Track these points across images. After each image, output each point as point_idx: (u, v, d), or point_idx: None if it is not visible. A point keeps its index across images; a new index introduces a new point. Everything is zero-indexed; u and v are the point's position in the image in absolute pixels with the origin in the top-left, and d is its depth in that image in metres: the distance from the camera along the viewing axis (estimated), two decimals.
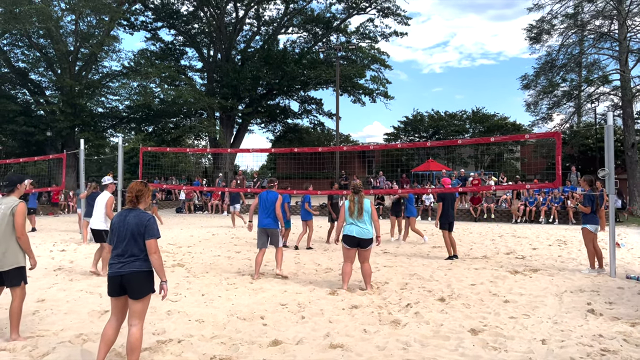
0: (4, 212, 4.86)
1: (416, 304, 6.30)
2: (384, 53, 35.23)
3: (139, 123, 32.35)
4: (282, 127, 40.15)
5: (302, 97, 37.80)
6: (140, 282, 4.04)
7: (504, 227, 17.16)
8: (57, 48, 25.70)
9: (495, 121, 37.61)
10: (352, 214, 7.12)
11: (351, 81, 34.24)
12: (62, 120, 25.01)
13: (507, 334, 5.08)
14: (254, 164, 63.79)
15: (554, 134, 10.79)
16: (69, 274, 8.30)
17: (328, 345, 4.76)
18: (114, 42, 28.21)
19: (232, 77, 31.39)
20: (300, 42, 36.67)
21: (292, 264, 9.48)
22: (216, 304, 6.33)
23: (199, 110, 32.17)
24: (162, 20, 33.76)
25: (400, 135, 41.02)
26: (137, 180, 4.41)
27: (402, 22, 33.78)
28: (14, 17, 22.79)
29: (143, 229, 4.06)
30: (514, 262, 9.62)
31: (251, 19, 35.57)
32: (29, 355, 4.51)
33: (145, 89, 28.71)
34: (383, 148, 28.80)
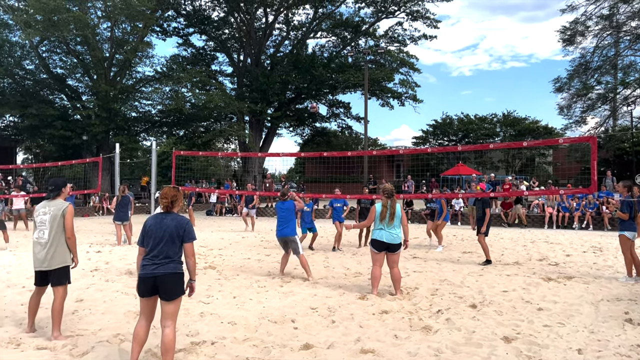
0: (54, 213, 5.11)
1: (447, 310, 6.26)
2: (412, 56, 35.03)
3: (171, 127, 32.94)
4: (310, 131, 40.28)
5: (331, 101, 37.85)
6: (173, 283, 4.14)
7: (536, 232, 16.85)
8: (93, 54, 26.41)
9: (526, 125, 36.99)
10: (384, 219, 7.05)
11: (379, 85, 34.14)
12: (97, 124, 25.66)
13: (541, 342, 5.01)
14: (282, 167, 64.15)
15: (589, 138, 10.58)
16: (105, 275, 8.52)
17: (359, 350, 4.78)
18: (147, 48, 28.81)
19: (262, 81, 31.69)
20: (329, 46, 36.79)
21: (322, 267, 9.51)
22: (247, 307, 6.42)
23: (229, 115, 32.55)
24: (194, 26, 34.31)
25: (429, 139, 40.72)
26: (170, 185, 4.52)
27: (431, 26, 33.55)
28: (52, 24, 23.52)
29: (182, 231, 4.18)
30: (547, 269, 9.45)
31: (280, 24, 35.86)
32: (70, 354, 4.66)
33: (177, 94, 29.23)
34: (413, 152, 28.53)
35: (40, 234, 5.11)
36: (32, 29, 23.51)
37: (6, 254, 10.92)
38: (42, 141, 32.33)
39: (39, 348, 4.80)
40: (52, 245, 5.06)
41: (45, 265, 5.06)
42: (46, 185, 6.27)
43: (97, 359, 4.53)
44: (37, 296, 5.30)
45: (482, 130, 37.70)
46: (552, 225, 18.47)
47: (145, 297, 4.20)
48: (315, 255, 11.18)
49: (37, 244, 5.12)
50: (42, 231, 5.11)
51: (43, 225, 5.11)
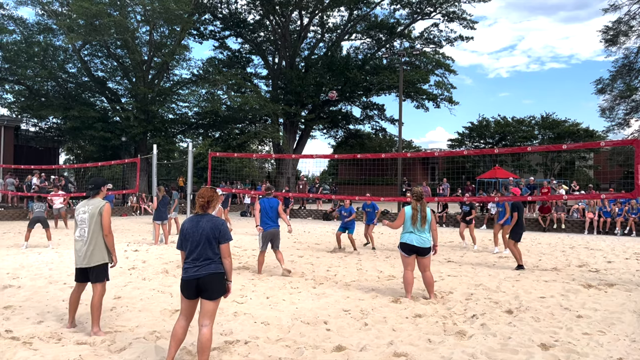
0: (92, 212, 5.27)
1: (482, 315, 6.15)
2: (448, 58, 34.57)
3: (207, 129, 33.46)
4: (344, 133, 40.24)
5: (364, 103, 37.72)
6: (216, 283, 4.23)
7: (576, 238, 16.38)
8: (132, 58, 27.10)
9: (566, 127, 36.02)
10: (415, 223, 6.99)
11: (414, 86, 33.82)
12: (135, 126, 26.30)
13: (580, 350, 4.87)
14: (315, 169, 64.28)
15: (632, 141, 10.23)
16: (142, 273, 8.71)
17: (392, 354, 4.75)
18: (184, 51, 29.38)
19: (296, 83, 31.86)
20: (364, 48, 36.67)
21: (354, 270, 9.49)
22: (280, 307, 6.46)
23: (264, 117, 32.85)
24: (230, 29, 34.79)
25: (464, 141, 40.13)
26: (207, 186, 4.60)
27: (468, 27, 33.05)
28: (94, 29, 24.26)
29: (218, 233, 4.25)
30: (587, 276, 9.17)
31: (315, 26, 35.97)
32: (108, 350, 4.78)
33: (213, 96, 29.70)
34: (448, 155, 28.20)
35: (81, 232, 5.29)
36: (75, 33, 24.30)
37: (49, 252, 11.30)
38: (83, 142, 33.35)
39: (78, 343, 4.95)
40: (91, 243, 5.23)
41: (85, 263, 5.23)
42: (86, 184, 6.50)
43: (134, 355, 4.64)
44: (77, 292, 5.48)
45: (520, 133, 36.92)
46: (592, 230, 17.93)
47: (190, 299, 4.28)
48: (348, 257, 11.17)
49: (77, 241, 5.31)
50: (83, 229, 5.28)
51: (83, 223, 5.29)
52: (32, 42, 26.03)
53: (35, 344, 4.90)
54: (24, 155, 27.98)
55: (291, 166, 33.55)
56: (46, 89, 28.92)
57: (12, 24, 26.88)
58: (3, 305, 6.34)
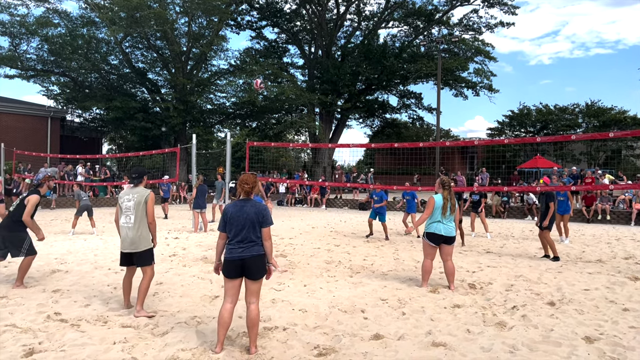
0: (138, 200, 5.52)
1: (523, 307, 6.03)
2: (488, 45, 33.79)
3: (244, 119, 33.82)
4: (380, 122, 39.96)
5: (401, 92, 37.31)
6: (259, 264, 4.45)
7: (622, 229, 15.83)
8: (171, 49, 27.59)
9: (612, 115, 34.73)
10: (445, 213, 6.96)
11: (453, 74, 33.26)
12: (175, 116, 26.81)
13: (627, 344, 4.72)
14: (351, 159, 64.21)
15: None
16: (183, 260, 8.91)
17: (430, 343, 4.72)
18: (222, 41, 29.70)
19: (332, 73, 31.76)
20: (401, 36, 36.21)
21: (392, 259, 9.45)
22: (318, 295, 6.50)
23: (300, 106, 32.96)
24: (266, 19, 34.94)
25: (504, 130, 39.23)
26: (249, 172, 4.74)
27: (509, 12, 32.23)
28: (135, 21, 24.78)
29: (261, 217, 4.46)
30: (633, 268, 8.86)
31: (352, 15, 35.72)
32: (151, 333, 4.93)
33: (250, 86, 29.94)
34: (488, 143, 27.45)
35: (127, 219, 5.52)
36: (117, 26, 24.88)
37: (94, 238, 11.68)
38: (125, 132, 34.23)
39: (123, 326, 5.11)
40: (138, 229, 5.47)
41: (133, 248, 5.49)
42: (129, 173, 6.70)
43: (176, 339, 4.76)
44: (129, 276, 5.78)
45: (563, 122, 35.85)
46: (639, 222, 17.29)
47: (233, 278, 4.45)
48: (385, 247, 11.13)
49: (124, 228, 5.52)
50: (129, 216, 5.51)
51: (129, 211, 5.51)
52: (76, 35, 26.80)
53: (83, 326, 5.09)
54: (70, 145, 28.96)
55: (327, 156, 33.58)
56: (90, 81, 29.79)
57: (57, 17, 27.74)
58: (52, 289, 6.61)
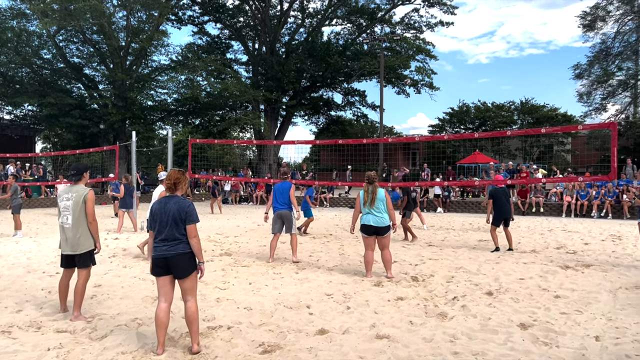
0: (75, 199, 5.27)
1: (463, 297, 6.24)
2: (429, 43, 34.63)
3: (187, 116, 33.09)
4: (325, 119, 40.16)
5: (346, 89, 37.65)
6: (184, 262, 4.33)
7: (554, 221, 16.66)
8: (109, 43, 26.57)
9: (545, 112, 36.43)
10: (366, 203, 7.33)
11: (395, 72, 33.86)
12: (114, 113, 25.87)
13: (558, 329, 4.97)
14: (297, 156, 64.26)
15: (609, 124, 10.40)
16: (123, 261, 8.64)
17: (374, 336, 4.79)
18: (162, 36, 28.87)
19: (277, 69, 31.61)
20: (344, 33, 36.49)
21: (337, 255, 9.53)
22: (263, 293, 6.46)
23: (244, 103, 32.61)
24: (209, 14, 34.30)
25: (445, 127, 40.36)
26: (176, 168, 4.65)
27: (448, 12, 33.12)
28: (69, 13, 23.68)
29: (184, 214, 4.33)
30: (564, 257, 9.35)
31: (295, 12, 35.66)
32: (89, 337, 4.74)
33: (193, 82, 29.32)
34: (429, 139, 28.37)
35: (64, 219, 5.30)
36: (49, 18, 23.68)
37: (27, 241, 11.11)
38: (60, 130, 32.74)
39: (59, 331, 4.89)
40: (76, 229, 5.23)
41: (73, 249, 5.26)
42: (66, 171, 6.44)
43: (115, 342, 4.60)
44: (66, 279, 5.51)
45: (500, 118, 37.25)
46: (570, 213, 18.25)
47: (159, 276, 4.37)
48: (330, 243, 11.21)
49: (62, 228, 5.29)
50: (66, 216, 5.28)
51: (67, 210, 5.28)
52: (5, 28, 25.28)
53: (15, 333, 4.83)
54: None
55: (273, 153, 33.42)
56: (20, 76, 28.21)
57: None
58: None
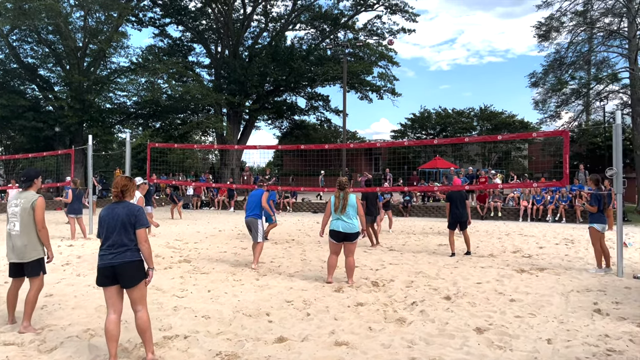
0: (24, 206, 5.07)
1: (422, 302, 6.31)
2: (391, 50, 35.10)
3: (147, 119, 32.46)
4: (289, 124, 40.12)
5: (309, 94, 37.73)
6: (132, 270, 4.17)
7: (511, 225, 17.10)
8: (65, 44, 25.82)
9: (502, 119, 37.46)
10: (337, 209, 7.29)
11: (358, 78, 34.15)
12: (70, 115, 25.13)
13: (512, 333, 5.08)
14: (260, 160, 63.91)
15: (561, 132, 10.75)
16: (77, 269, 8.36)
17: (333, 343, 4.78)
18: (122, 38, 28.29)
19: (240, 73, 31.40)
20: (308, 38, 36.60)
21: (299, 260, 9.50)
22: (222, 300, 6.37)
23: (206, 107, 32.22)
24: (170, 17, 33.80)
25: (407, 133, 40.95)
26: (122, 175, 4.52)
27: (410, 19, 33.64)
28: (23, 12, 22.90)
29: (133, 219, 4.20)
30: (520, 261, 9.59)
31: (259, 16, 35.56)
32: (37, 350, 4.55)
33: (153, 85, 28.79)
34: (390, 145, 28.82)
35: (11, 226, 5.10)
36: (2, 17, 22.87)
37: None
38: (13, 133, 31.56)
39: (5, 344, 4.68)
40: (24, 237, 5.03)
41: (20, 257, 5.05)
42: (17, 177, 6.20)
43: (65, 354, 4.43)
44: (14, 289, 5.27)
45: (460, 124, 38.06)
46: (526, 218, 18.76)
47: (105, 286, 4.20)
48: (292, 248, 11.17)
49: (9, 236, 5.09)
50: (14, 223, 5.09)
51: (14, 217, 5.09)
52: None
53: None
54: None
55: (235, 157, 33.14)
56: None
57: None
58: None
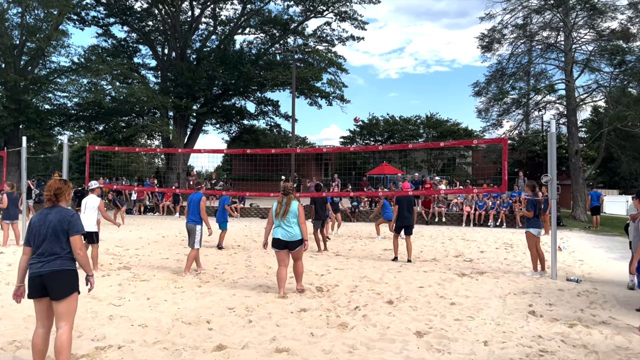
0: None
1: (365, 307, 6.33)
2: (340, 57, 35.46)
3: (89, 121, 31.35)
4: (238, 128, 39.72)
5: (259, 99, 37.54)
6: (61, 281, 3.87)
7: (454, 230, 17.54)
8: (1, 41, 24.57)
9: (448, 127, 38.49)
10: (278, 216, 7.02)
11: (308, 84, 34.26)
12: (5, 116, 23.93)
13: (451, 336, 5.17)
14: (208, 165, 62.82)
15: (500, 139, 11.13)
16: (6, 277, 7.91)
17: (274, 350, 4.71)
18: (62, 36, 27.20)
19: (187, 76, 30.84)
20: (257, 43, 36.43)
21: (243, 267, 9.36)
22: (161, 308, 6.17)
23: (152, 110, 31.43)
24: (115, 16, 32.83)
25: (356, 139, 41.37)
26: (57, 177, 4.27)
27: (359, 27, 34.08)
28: None
29: (67, 225, 3.92)
30: (461, 265, 9.83)
31: (207, 18, 35.10)
32: None
33: (96, 86, 27.85)
34: (337, 151, 29.11)
35: None
36: None
37: None
38: None
39: None
40: None
41: None
42: None
43: None
44: None
45: (407, 132, 38.80)
46: (469, 223, 19.31)
47: (35, 298, 3.91)
48: (238, 255, 11.01)
49: None
50: None
51: None
52: None
53: None
54: None
55: (182, 161, 32.44)
56: None
57: None
58: None
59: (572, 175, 23.60)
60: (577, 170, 23.05)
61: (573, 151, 23.10)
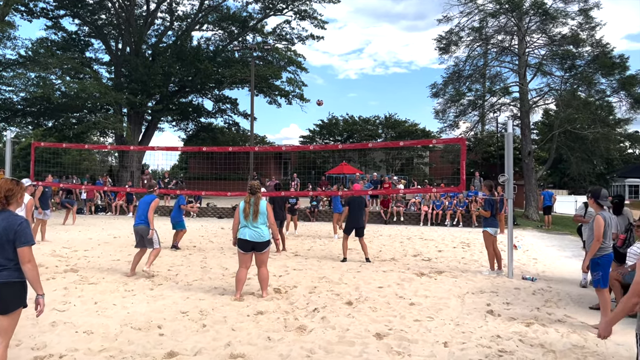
0: None
1: (323, 309, 6.18)
2: (300, 56, 35.28)
3: (37, 117, 30.04)
4: (195, 126, 38.91)
5: (217, 96, 36.91)
6: (6, 294, 3.49)
7: (412, 229, 17.66)
8: None
9: (406, 127, 38.94)
10: (247, 217, 6.66)
11: (267, 82, 33.92)
12: None
13: (411, 337, 5.08)
14: (164, 163, 61.38)
15: (458, 139, 11.20)
16: None
17: (228, 356, 4.50)
18: (8, 28, 25.92)
19: (142, 72, 29.94)
20: (215, 39, 35.80)
21: (198, 268, 9.06)
22: (109, 313, 5.84)
23: (105, 106, 30.36)
24: (65, 8, 31.52)
25: (315, 138, 41.34)
26: (7, 178, 3.84)
27: (319, 26, 33.99)
28: None
29: (13, 234, 3.49)
30: (420, 264, 9.83)
31: (164, 13, 34.23)
32: None
33: (45, 81, 26.63)
34: (296, 149, 28.96)
35: None
36: None
37: None
38: None
39: None
40: None
41: None
42: None
43: None
44: None
45: (366, 132, 39.03)
46: (427, 222, 19.49)
47: None
48: (193, 256, 10.68)
49: None
50: None
51: None
52: None
53: None
54: None
55: (136, 159, 31.52)
56: None
57: None
58: None
59: (524, 175, 24.21)
60: (530, 171, 23.66)
61: (526, 152, 23.70)
